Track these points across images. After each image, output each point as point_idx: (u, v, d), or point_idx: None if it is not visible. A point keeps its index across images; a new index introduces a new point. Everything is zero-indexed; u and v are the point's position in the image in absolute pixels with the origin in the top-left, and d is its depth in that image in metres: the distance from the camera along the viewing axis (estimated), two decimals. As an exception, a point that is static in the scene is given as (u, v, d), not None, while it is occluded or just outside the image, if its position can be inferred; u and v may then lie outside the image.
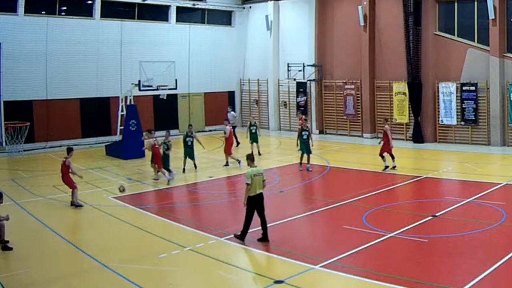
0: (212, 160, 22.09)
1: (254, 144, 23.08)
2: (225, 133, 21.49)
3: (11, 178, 19.40)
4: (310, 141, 19.55)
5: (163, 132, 19.45)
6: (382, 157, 19.30)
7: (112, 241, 12.42)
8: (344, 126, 29.12)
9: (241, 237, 11.55)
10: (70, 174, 15.23)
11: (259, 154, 22.95)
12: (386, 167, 19.09)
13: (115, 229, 13.26)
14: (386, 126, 19.78)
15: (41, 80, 26.00)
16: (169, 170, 18.15)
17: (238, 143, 24.99)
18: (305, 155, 19.55)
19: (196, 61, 31.85)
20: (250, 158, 11.99)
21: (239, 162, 20.46)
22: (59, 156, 23.98)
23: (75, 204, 14.84)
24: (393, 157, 19.28)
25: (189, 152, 20.11)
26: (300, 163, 19.74)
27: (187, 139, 20.15)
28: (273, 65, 32.21)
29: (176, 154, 20.72)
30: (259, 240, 11.46)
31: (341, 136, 28.55)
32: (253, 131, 23.11)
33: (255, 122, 23.77)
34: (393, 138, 26.84)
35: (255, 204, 11.45)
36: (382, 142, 19.46)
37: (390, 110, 27.07)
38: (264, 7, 32.46)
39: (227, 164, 20.77)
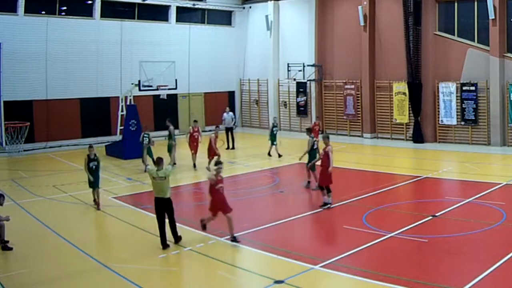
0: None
1: (273, 146, 22.56)
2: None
3: (11, 178, 19.39)
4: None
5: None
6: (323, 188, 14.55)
7: (112, 241, 12.43)
8: (344, 126, 29.12)
9: (175, 239, 11.48)
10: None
11: (279, 155, 22.45)
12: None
13: (115, 229, 13.26)
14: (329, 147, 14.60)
15: (41, 80, 25.98)
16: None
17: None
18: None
19: (196, 61, 31.84)
20: (156, 161, 11.85)
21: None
22: (59, 156, 24.10)
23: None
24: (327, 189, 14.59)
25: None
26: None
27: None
28: (273, 65, 32.19)
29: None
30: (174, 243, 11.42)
31: (341, 136, 28.53)
32: (275, 132, 22.58)
33: (277, 123, 23.31)
34: (393, 138, 27.32)
35: (157, 207, 11.36)
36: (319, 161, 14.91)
37: (390, 110, 27.07)
38: (264, 7, 32.45)
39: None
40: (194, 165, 20.59)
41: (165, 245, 11.17)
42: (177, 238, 11.49)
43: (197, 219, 13.45)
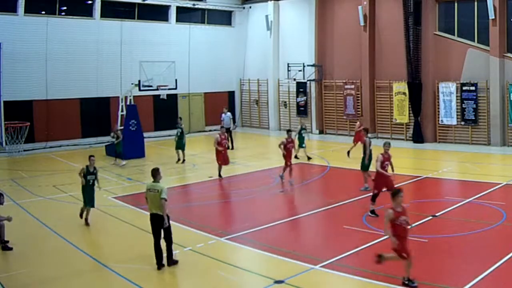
0: (213, 160, 22.04)
1: (301, 148, 21.90)
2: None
3: (11, 178, 19.39)
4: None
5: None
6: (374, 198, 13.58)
7: (112, 241, 12.42)
8: (344, 126, 29.11)
9: (167, 261, 10.28)
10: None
11: (309, 158, 21.78)
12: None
13: (115, 229, 13.25)
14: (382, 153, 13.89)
15: (41, 80, 25.98)
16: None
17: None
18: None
19: (196, 61, 31.85)
20: (152, 173, 10.47)
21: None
22: (59, 156, 24.10)
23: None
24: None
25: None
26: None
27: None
28: (273, 65, 32.20)
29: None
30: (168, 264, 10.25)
31: (341, 136, 28.53)
32: (303, 134, 22.01)
33: (305, 126, 23.11)
34: (393, 138, 27.30)
35: (152, 224, 10.25)
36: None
37: (390, 110, 27.08)
38: (264, 7, 32.46)
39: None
40: (220, 175, 18.81)
41: (160, 265, 10.12)
42: (172, 261, 10.25)
43: (197, 219, 13.46)
